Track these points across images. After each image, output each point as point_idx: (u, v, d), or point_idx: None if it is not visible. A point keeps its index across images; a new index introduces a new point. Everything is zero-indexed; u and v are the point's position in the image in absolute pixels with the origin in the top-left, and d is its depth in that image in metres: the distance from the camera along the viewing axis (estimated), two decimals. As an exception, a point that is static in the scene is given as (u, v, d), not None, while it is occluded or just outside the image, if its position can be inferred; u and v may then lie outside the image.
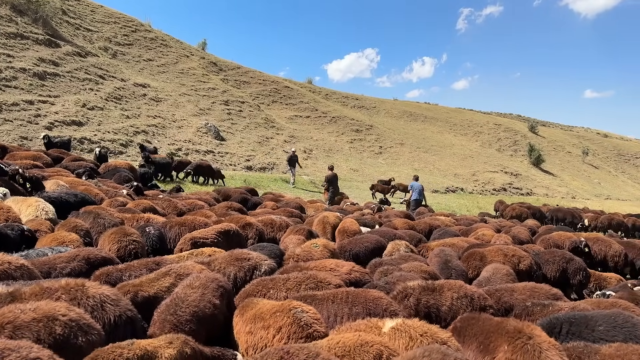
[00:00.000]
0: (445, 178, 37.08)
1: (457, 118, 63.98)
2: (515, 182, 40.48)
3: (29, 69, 22.72)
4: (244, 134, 31.71)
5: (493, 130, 59.51)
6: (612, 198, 45.67)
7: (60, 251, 4.98)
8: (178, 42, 43.62)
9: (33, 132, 18.60)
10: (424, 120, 59.38)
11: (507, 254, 7.13)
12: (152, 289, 4.00)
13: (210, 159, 25.08)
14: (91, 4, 38.26)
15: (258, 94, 44.09)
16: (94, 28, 34.77)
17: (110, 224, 6.47)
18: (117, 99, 26.13)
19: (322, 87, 60.79)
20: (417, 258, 6.77)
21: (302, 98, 47.74)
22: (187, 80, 36.38)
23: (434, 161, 42.01)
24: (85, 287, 3.39)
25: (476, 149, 51.00)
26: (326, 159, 33.05)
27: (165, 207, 9.21)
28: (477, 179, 38.71)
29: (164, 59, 38.02)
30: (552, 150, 59.93)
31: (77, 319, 2.92)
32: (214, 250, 5.87)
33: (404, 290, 4.52)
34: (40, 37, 26.42)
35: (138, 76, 31.82)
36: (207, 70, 41.69)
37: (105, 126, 22.13)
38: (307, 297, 4.11)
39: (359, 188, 26.66)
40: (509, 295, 5.18)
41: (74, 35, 31.15)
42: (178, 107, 30.09)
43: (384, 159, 39.93)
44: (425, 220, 11.42)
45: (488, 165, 43.80)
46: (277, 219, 8.78)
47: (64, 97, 22.66)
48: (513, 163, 48.33)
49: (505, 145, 55.34)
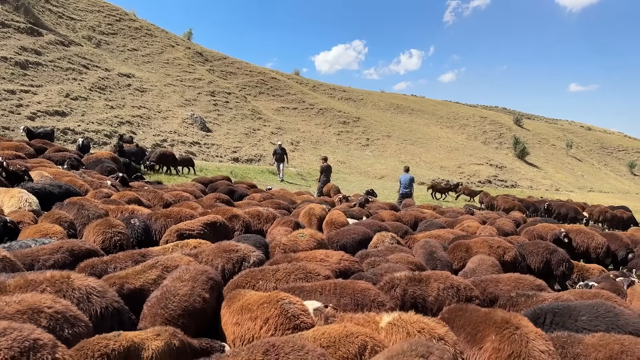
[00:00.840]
0: (432, 170, 37.31)
1: (444, 111, 64.32)
2: (500, 174, 40.90)
3: (10, 58, 22.29)
4: (230, 125, 31.51)
5: (479, 123, 59.96)
6: (595, 190, 46.40)
7: (43, 243, 4.91)
8: (163, 31, 43.07)
9: (15, 122, 18.27)
10: (410, 113, 59.59)
11: (492, 246, 7.20)
12: (139, 281, 3.97)
13: (197, 151, 24.91)
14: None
15: (245, 85, 43.81)
16: (77, 17, 34.16)
17: (94, 215, 6.39)
18: (101, 89, 25.76)
19: (310, 79, 60.62)
20: (403, 249, 6.81)
21: (290, 89, 47.55)
22: (173, 71, 35.98)
23: (421, 153, 42.23)
24: (70, 279, 3.34)
25: (462, 141, 51.35)
26: (313, 151, 33.03)
27: (151, 198, 9.12)
28: (463, 171, 39.02)
29: (148, 48, 37.52)
30: (537, 143, 60.62)
31: (63, 310, 2.89)
32: (199, 242, 5.84)
33: (390, 281, 4.54)
34: (22, 26, 25.89)
35: (122, 66, 31.38)
36: (193, 60, 41.25)
37: (89, 117, 21.81)
38: (295, 288, 4.12)
39: (346, 180, 26.71)
40: (494, 286, 5.24)
41: (57, 24, 30.58)
42: (163, 98, 29.76)
43: (370, 151, 40.02)
44: (411, 212, 11.48)
45: (474, 157, 44.16)
46: (264, 210, 8.75)
47: (46, 87, 22.29)
48: (498, 155, 48.79)
49: (490, 138, 55.81)
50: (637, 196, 46.34)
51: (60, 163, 11.32)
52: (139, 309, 3.66)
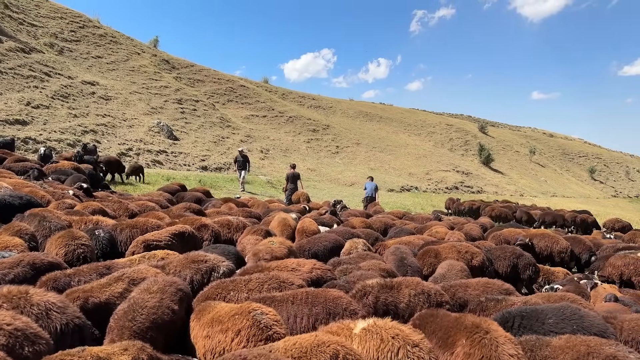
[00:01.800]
0: (400, 177, 37.75)
1: (411, 118, 65.34)
2: (467, 180, 41.74)
3: (-34, 65, 21.44)
4: (198, 133, 31.12)
5: (445, 130, 61.15)
6: (558, 195, 47.88)
7: (3, 256, 4.70)
8: (128, 38, 42.30)
9: (-29, 131, 17.55)
10: (379, 121, 60.26)
11: (461, 251, 7.31)
12: (104, 295, 3.83)
13: (164, 159, 24.48)
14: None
15: (213, 93, 43.41)
16: (39, 23, 33.19)
17: (57, 227, 6.16)
18: (64, 97, 25.05)
19: (279, 87, 60.60)
20: (374, 256, 6.83)
21: (259, 97, 47.38)
22: (138, 78, 35.33)
23: (389, 160, 42.69)
24: (28, 295, 3.20)
25: (429, 148, 52.23)
26: (283, 158, 32.94)
27: (116, 209, 8.88)
28: (431, 178, 39.64)
29: (113, 56, 36.76)
30: (501, 149, 62.25)
31: (23, 328, 2.76)
32: (167, 253, 5.70)
33: (362, 289, 4.54)
34: (-21, 32, 24.98)
35: (86, 74, 30.63)
36: (159, 68, 40.65)
37: (51, 125, 21.16)
38: (266, 298, 4.06)
39: (317, 188, 26.71)
40: (463, 290, 5.30)
41: (17, 31, 29.63)
42: (129, 106, 29.17)
43: (340, 158, 40.20)
44: (381, 218, 11.56)
45: (441, 164, 44.95)
46: (234, 219, 8.64)
47: (6, 95, 21.52)
48: (464, 162, 49.81)
49: (456, 145, 56.97)
50: (597, 200, 48.12)
51: (20, 173, 10.92)
52: (104, 324, 3.53)
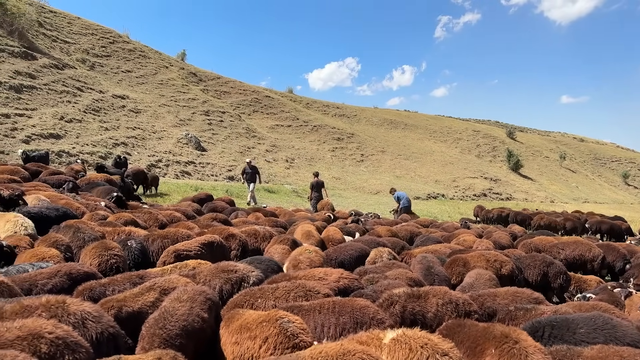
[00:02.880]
0: (427, 185, 37.43)
1: (437, 125, 64.80)
2: (495, 187, 41.07)
3: (4, 82, 22.33)
4: (225, 144, 31.59)
5: (472, 136, 60.41)
6: (590, 201, 46.64)
7: (41, 267, 4.88)
8: (157, 53, 43.36)
9: (10, 145, 18.24)
10: (404, 128, 59.98)
11: (489, 259, 7.22)
12: (137, 304, 3.95)
13: (192, 170, 24.92)
14: (68, 16, 37.85)
15: (239, 104, 44.02)
16: (71, 40, 34.37)
17: (90, 238, 6.36)
18: (95, 111, 25.82)
19: (303, 96, 61.03)
20: (401, 265, 6.81)
21: (283, 107, 47.81)
22: (167, 91, 36.14)
23: (415, 168, 42.40)
24: (66, 304, 3.32)
25: (456, 155, 51.66)
26: (308, 167, 33.09)
27: (146, 219, 9.10)
28: (458, 185, 39.17)
29: (142, 70, 37.73)
30: (530, 155, 61.08)
31: (64, 336, 2.86)
32: (198, 263, 5.81)
33: (389, 298, 4.54)
34: (16, 50, 26.02)
35: (117, 88, 31.51)
36: (187, 80, 41.48)
37: (83, 139, 21.82)
38: (293, 307, 4.10)
39: (342, 196, 26.73)
40: (492, 300, 5.24)
41: (51, 48, 30.75)
42: (158, 118, 29.85)
43: (365, 166, 40.14)
44: (407, 227, 11.50)
45: (468, 171, 44.37)
46: (260, 229, 8.74)
47: (41, 110, 22.31)
48: (492, 169, 49.06)
49: (484, 152, 56.19)
50: (631, 206, 46.62)
51: (55, 186, 11.27)
52: (137, 332, 3.64)
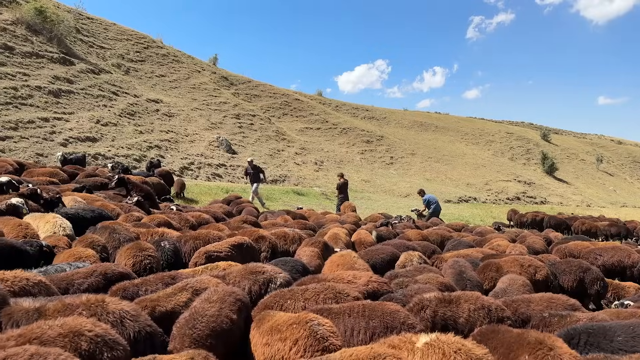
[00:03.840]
0: (458, 188, 36.90)
1: (469, 127, 63.80)
2: (529, 190, 40.15)
3: (44, 87, 23.16)
4: (255, 146, 31.92)
5: (505, 139, 59.22)
6: (628, 205, 45.02)
7: (78, 267, 5.04)
8: (189, 57, 44.19)
9: (48, 148, 18.90)
10: (435, 130, 59.29)
11: (523, 265, 7.06)
12: (170, 304, 4.03)
13: (223, 172, 25.27)
14: (104, 22, 38.99)
15: (269, 107, 44.41)
16: (107, 45, 35.38)
17: (125, 239, 6.52)
18: (130, 115, 26.49)
19: (332, 99, 61.11)
20: (431, 269, 6.73)
21: (313, 110, 47.98)
22: (199, 95, 36.79)
23: (446, 171, 41.85)
24: (105, 303, 3.42)
25: (488, 158, 50.74)
26: (337, 170, 33.08)
27: (177, 221, 9.27)
28: (490, 188, 38.46)
29: (175, 74, 38.52)
30: (566, 158, 59.45)
31: (103, 334, 2.95)
32: (228, 264, 5.89)
33: (420, 303, 4.50)
34: (54, 56, 26.94)
35: (151, 92, 32.26)
36: (219, 84, 42.12)
37: (119, 142, 22.42)
38: (323, 310, 4.11)
39: (371, 199, 26.62)
40: (526, 306, 5.12)
41: (88, 53, 31.73)
42: (190, 122, 30.40)
43: (395, 169, 39.87)
44: (438, 231, 11.36)
45: (501, 174, 43.52)
46: (290, 231, 8.78)
47: (78, 114, 23.03)
48: (526, 172, 47.97)
49: (517, 154, 55.00)
50: (673, 211, 44.75)
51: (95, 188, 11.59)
52: (169, 332, 3.72)
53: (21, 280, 4.02)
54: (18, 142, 18.36)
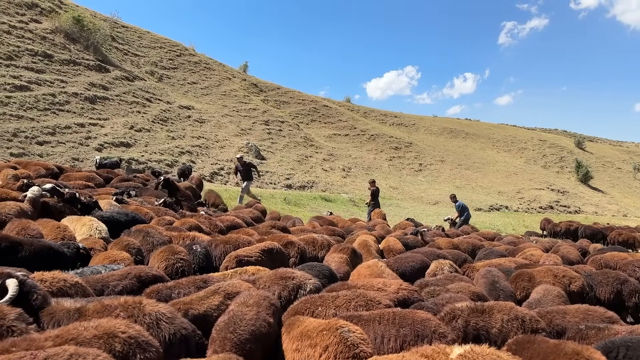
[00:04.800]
0: (489, 196, 36.27)
1: (500, 134, 62.71)
2: (563, 199, 39.13)
3: (80, 94, 23.92)
4: (283, 152, 32.14)
5: (538, 146, 57.94)
6: (668, 216, 43.36)
7: (113, 269, 5.16)
8: (220, 65, 44.93)
9: (84, 153, 19.48)
10: (465, 137, 58.49)
11: (558, 275, 6.88)
12: (202, 307, 4.09)
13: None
14: (138, 30, 40.05)
15: (297, 114, 44.70)
16: (141, 53, 36.33)
17: (159, 242, 6.65)
18: (163, 121, 27.08)
19: (360, 105, 61.06)
20: (463, 278, 6.63)
21: (341, 117, 48.04)
22: (229, 102, 37.34)
23: (477, 178, 41.21)
24: (142, 305, 3.50)
25: (520, 165, 49.73)
26: (365, 176, 33.00)
27: (206, 225, 9.39)
28: (523, 197, 37.67)
29: (207, 81, 39.22)
30: (601, 166, 57.72)
31: (136, 336, 3.02)
32: (257, 269, 5.93)
33: (452, 312, 4.43)
34: (91, 63, 27.81)
35: (183, 99, 32.92)
36: (249, 91, 42.66)
37: (152, 147, 22.94)
38: (353, 317, 4.09)
39: (399, 206, 26.42)
40: (561, 317, 4.99)
41: (123, 60, 32.63)
42: (221, 128, 30.87)
43: (424, 176, 39.49)
44: (469, 239, 11.18)
45: (533, 182, 42.57)
46: (319, 237, 8.78)
47: (113, 120, 23.69)
48: (560, 180, 46.80)
49: (551, 162, 53.71)
50: None
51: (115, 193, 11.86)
52: (203, 334, 3.78)
53: (59, 281, 4.13)
54: (55, 146, 19.00)
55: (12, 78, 21.53)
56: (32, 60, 24.19)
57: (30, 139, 18.56)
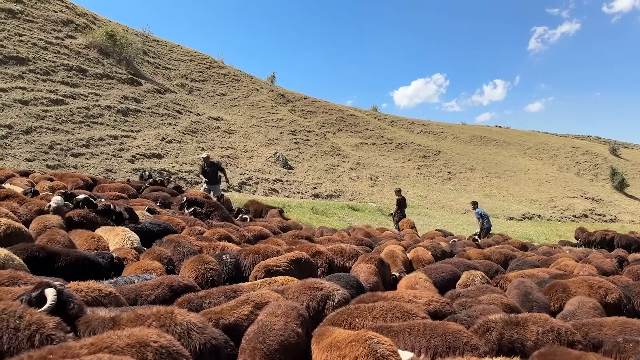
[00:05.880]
0: (521, 204, 35.51)
1: (531, 141, 61.45)
2: (597, 208, 37.97)
3: (113, 107, 24.59)
4: (310, 162, 32.26)
5: (570, 153, 56.52)
6: None
7: (145, 279, 5.26)
8: (249, 76, 45.56)
9: (117, 164, 19.98)
10: (495, 145, 57.53)
11: (593, 286, 6.67)
12: (233, 317, 4.13)
13: (279, 187, 25.68)
14: (169, 44, 41.03)
15: (324, 123, 44.85)
16: (172, 66, 37.17)
17: (189, 252, 6.76)
18: (193, 132, 27.59)
19: (387, 114, 60.84)
20: (495, 290, 6.50)
21: (368, 125, 47.96)
22: (257, 112, 37.78)
23: (508, 186, 40.43)
24: (174, 315, 3.56)
25: (553, 173, 48.57)
26: (392, 185, 32.77)
27: (236, 235, 9.48)
28: (556, 205, 36.74)
29: (235, 93, 39.81)
30: (637, 173, 55.80)
31: (167, 345, 3.07)
32: (286, 279, 5.95)
33: (485, 324, 4.34)
34: (123, 77, 28.60)
35: (212, 110, 33.47)
36: (276, 102, 43.08)
37: (182, 158, 23.37)
38: (382, 327, 4.06)
39: (428, 215, 26.13)
40: (597, 330, 4.83)
41: (154, 74, 33.45)
42: (249, 138, 31.23)
43: (453, 184, 38.97)
44: (501, 249, 10.97)
45: (567, 190, 41.49)
46: (347, 247, 8.75)
47: (145, 132, 24.26)
48: (594, 188, 45.48)
49: (584, 169, 52.28)
50: None
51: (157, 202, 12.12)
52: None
53: (94, 291, 4.24)
54: (89, 158, 19.55)
55: (49, 92, 22.31)
56: (68, 74, 25.04)
57: (66, 151, 19.15)
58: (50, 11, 29.43)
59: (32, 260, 5.24)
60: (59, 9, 30.46)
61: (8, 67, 22.26)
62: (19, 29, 25.55)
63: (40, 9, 28.71)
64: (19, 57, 23.26)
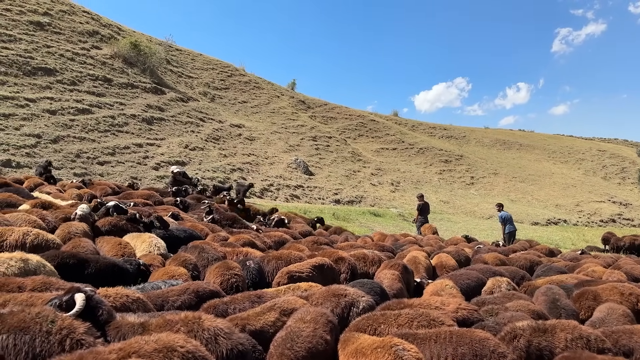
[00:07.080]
0: (546, 209, 34.87)
1: (556, 145, 60.36)
2: (626, 212, 37.04)
3: (138, 115, 25.07)
4: (331, 168, 32.29)
5: (597, 157, 55.31)
6: None
7: (171, 285, 5.34)
8: (269, 83, 45.94)
9: (142, 172, 20.34)
10: (519, 149, 56.69)
11: (624, 293, 6.50)
12: (259, 323, 4.16)
13: (300, 193, 25.75)
14: (191, 53, 41.68)
15: (344, 129, 44.89)
16: (194, 75, 37.74)
17: (214, 258, 6.84)
18: (215, 140, 27.92)
19: (408, 119, 60.58)
20: (522, 296, 6.39)
21: (388, 130, 47.81)
22: (278, 119, 38.04)
23: (532, 191, 39.77)
24: (201, 320, 3.61)
25: (579, 177, 47.59)
26: (414, 190, 32.56)
27: (259, 241, 9.52)
28: (582, 210, 35.97)
29: (256, 100, 40.18)
30: (667, 176, 54.28)
31: (193, 350, 3.12)
32: (310, 285, 5.96)
33: (512, 331, 4.28)
34: (147, 86, 29.14)
35: (234, 117, 33.85)
36: (296, 108, 43.31)
37: (205, 165, 23.66)
38: (408, 335, 4.04)
39: (451, 220, 25.86)
40: (628, 338, 4.71)
41: (177, 83, 34.00)
42: (270, 145, 31.45)
43: (476, 189, 38.51)
44: (526, 255, 10.78)
45: (593, 194, 40.59)
46: (369, 253, 8.71)
47: (169, 140, 24.65)
48: (622, 192, 44.39)
49: (611, 173, 51.08)
50: None
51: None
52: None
53: (122, 297, 4.33)
54: (115, 166, 19.95)
55: (76, 102, 22.87)
56: (94, 84, 25.64)
57: (92, 159, 19.58)
58: (77, 23, 30.22)
59: (62, 266, 5.37)
60: (85, 20, 31.27)
61: (37, 78, 22.91)
62: (47, 40, 26.30)
63: (67, 21, 29.51)
64: (47, 68, 23.93)
